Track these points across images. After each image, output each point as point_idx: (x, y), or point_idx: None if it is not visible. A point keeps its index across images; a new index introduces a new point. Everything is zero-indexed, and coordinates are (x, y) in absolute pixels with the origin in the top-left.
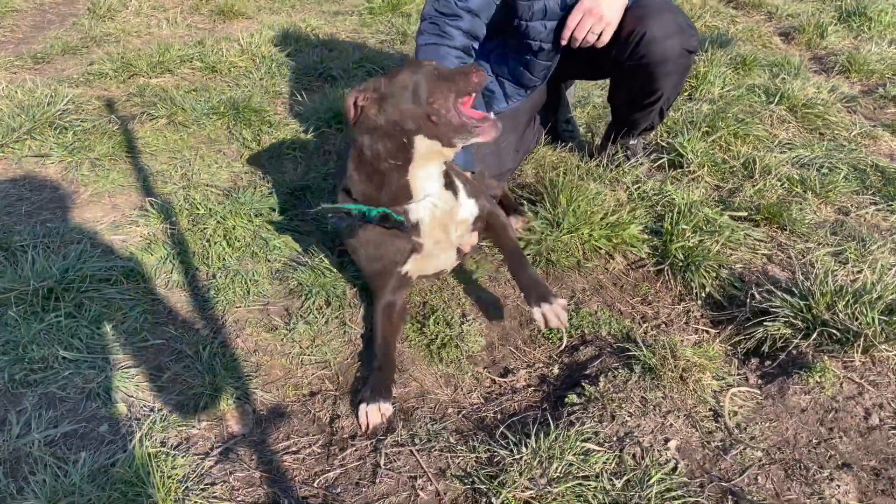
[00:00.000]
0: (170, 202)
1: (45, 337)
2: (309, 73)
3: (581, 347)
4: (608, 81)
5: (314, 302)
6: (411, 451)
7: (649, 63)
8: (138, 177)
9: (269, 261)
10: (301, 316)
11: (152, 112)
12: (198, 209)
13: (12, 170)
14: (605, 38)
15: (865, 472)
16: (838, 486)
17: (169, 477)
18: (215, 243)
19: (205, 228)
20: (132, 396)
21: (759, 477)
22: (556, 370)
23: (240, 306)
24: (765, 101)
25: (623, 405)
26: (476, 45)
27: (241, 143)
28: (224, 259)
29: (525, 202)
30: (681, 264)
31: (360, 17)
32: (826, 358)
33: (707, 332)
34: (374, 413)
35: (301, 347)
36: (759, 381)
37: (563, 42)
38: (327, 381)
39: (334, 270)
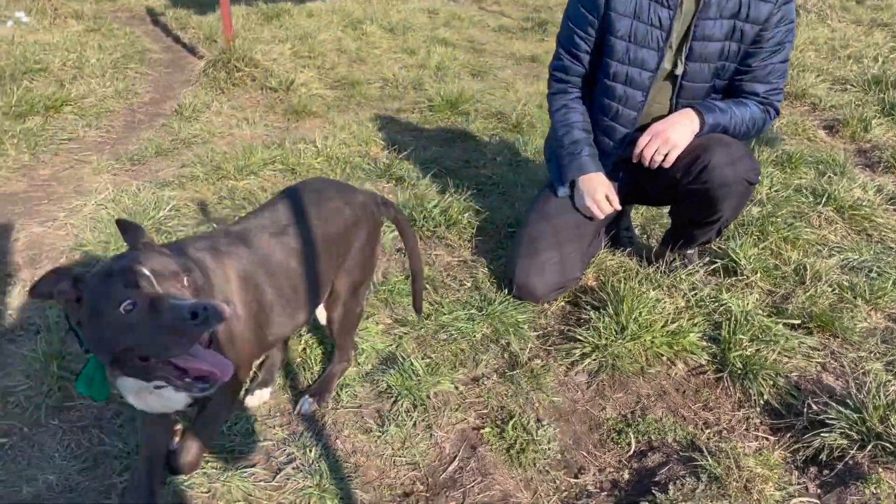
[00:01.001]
0: None
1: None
2: (381, 175)
3: (649, 453)
4: None
5: (402, 405)
6: None
7: (710, 188)
8: None
9: (359, 364)
10: (391, 419)
11: (242, 213)
12: None
13: None
14: (671, 159)
15: None
16: None
17: None
18: (312, 347)
19: (301, 334)
20: (252, 496)
21: None
22: (626, 475)
23: (336, 408)
24: (812, 203)
25: None
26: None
27: None
28: (319, 363)
29: (589, 307)
30: (739, 372)
31: (421, 115)
32: (881, 469)
33: (767, 439)
34: None
35: (393, 449)
36: (818, 491)
37: (634, 160)
38: (418, 483)
39: (419, 374)
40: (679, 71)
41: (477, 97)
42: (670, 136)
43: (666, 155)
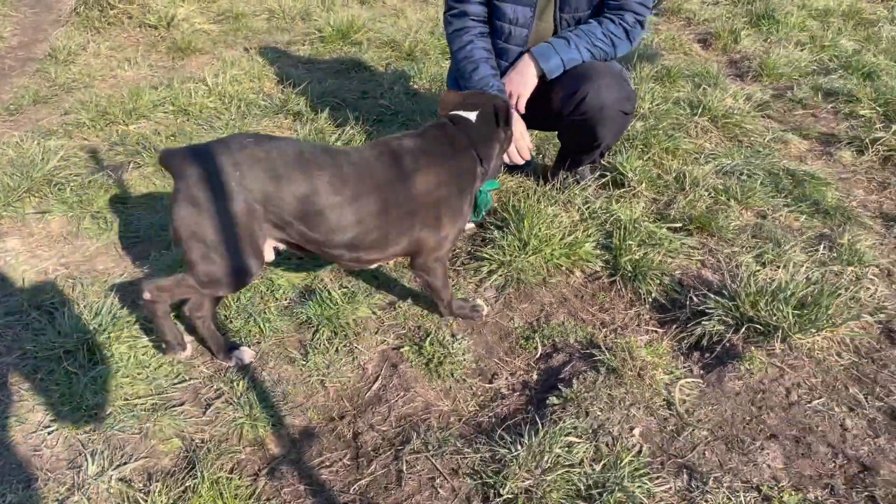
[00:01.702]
0: (171, 257)
1: (93, 388)
2: (277, 111)
3: (554, 354)
4: None
5: (323, 333)
6: (426, 456)
7: (588, 119)
8: (139, 227)
9: (276, 299)
10: (314, 347)
11: (138, 160)
12: None
13: (18, 228)
14: (521, 106)
15: (788, 440)
16: (768, 454)
17: (234, 497)
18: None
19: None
20: (184, 431)
21: (706, 452)
22: (534, 376)
23: (259, 342)
24: (689, 114)
25: (594, 402)
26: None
27: None
28: (238, 300)
29: (493, 227)
30: (630, 275)
31: (312, 46)
32: (753, 348)
33: (656, 331)
34: None
35: (318, 375)
36: (702, 372)
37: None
38: (345, 401)
39: (338, 303)
40: None
41: (368, 26)
42: (514, 87)
43: (517, 102)
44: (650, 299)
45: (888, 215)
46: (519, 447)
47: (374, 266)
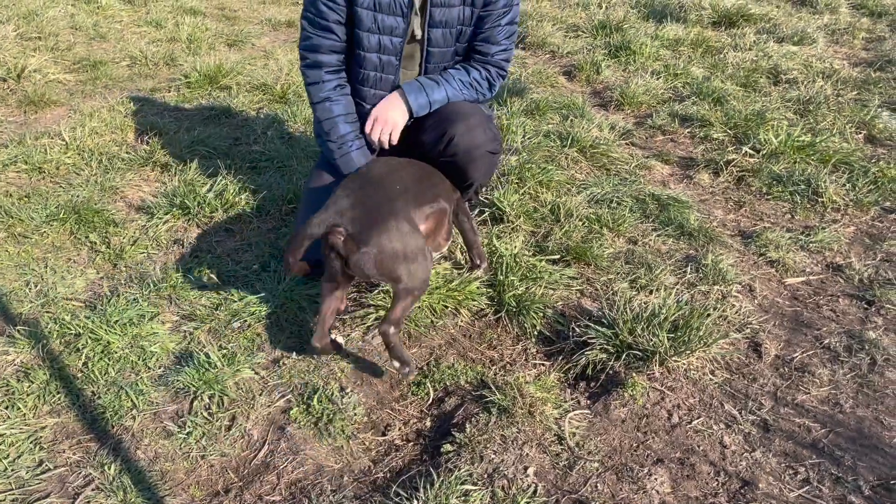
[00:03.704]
0: (36, 323)
1: None
2: (142, 164)
3: (446, 399)
4: None
5: (202, 401)
6: None
7: (457, 160)
8: None
9: (149, 368)
10: (193, 417)
11: None
12: (68, 328)
13: None
14: (395, 138)
15: (674, 463)
16: (656, 479)
17: None
18: (94, 360)
19: (80, 347)
20: None
21: (598, 484)
22: (428, 423)
23: (133, 419)
24: (560, 146)
25: (488, 445)
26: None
27: (90, 247)
28: (106, 374)
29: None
30: (514, 310)
31: (178, 93)
32: (634, 374)
33: (543, 364)
34: None
35: (199, 447)
36: (589, 402)
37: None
38: (231, 473)
39: (217, 366)
40: (420, 36)
41: (237, 69)
42: (388, 118)
43: (391, 134)
44: (535, 333)
45: (745, 232)
46: (416, 502)
47: None
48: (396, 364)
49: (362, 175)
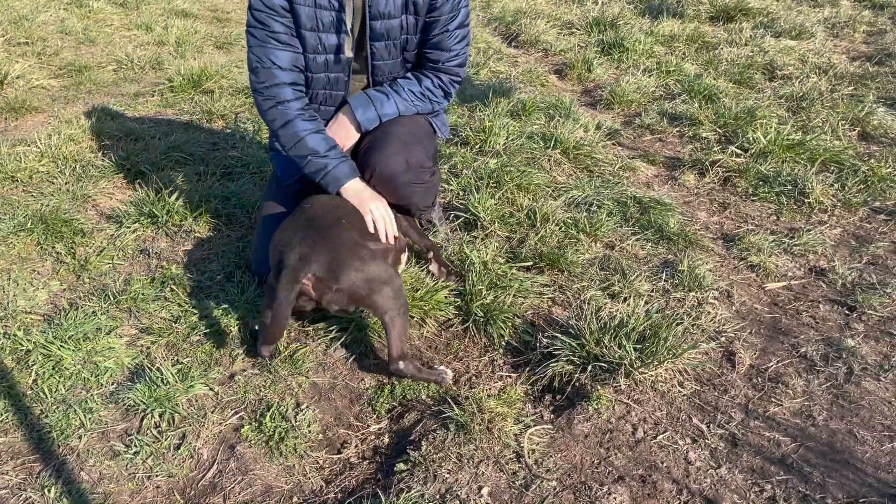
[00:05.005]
0: None
1: None
2: (117, 171)
3: (405, 414)
4: None
5: (152, 419)
6: None
7: (382, 191)
8: None
9: (101, 385)
10: (141, 436)
11: None
12: (21, 344)
13: None
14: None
15: (635, 480)
16: (614, 498)
17: None
18: (44, 377)
19: (31, 363)
20: None
21: None
22: (386, 440)
23: (79, 438)
24: (543, 147)
25: (443, 464)
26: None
27: (55, 258)
28: (56, 391)
29: None
30: (482, 320)
31: (161, 98)
32: (600, 387)
33: (510, 377)
34: None
35: (145, 468)
36: (552, 416)
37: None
38: (177, 495)
39: (170, 382)
40: (366, 52)
41: (222, 73)
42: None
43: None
44: (503, 343)
45: (728, 235)
46: None
47: None
48: (435, 387)
49: (305, 216)
